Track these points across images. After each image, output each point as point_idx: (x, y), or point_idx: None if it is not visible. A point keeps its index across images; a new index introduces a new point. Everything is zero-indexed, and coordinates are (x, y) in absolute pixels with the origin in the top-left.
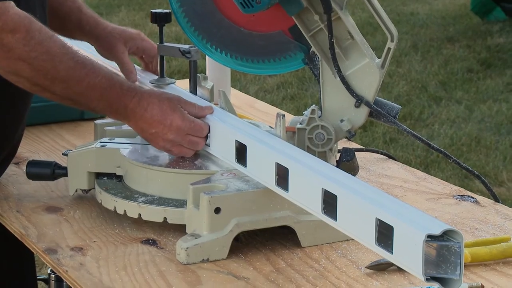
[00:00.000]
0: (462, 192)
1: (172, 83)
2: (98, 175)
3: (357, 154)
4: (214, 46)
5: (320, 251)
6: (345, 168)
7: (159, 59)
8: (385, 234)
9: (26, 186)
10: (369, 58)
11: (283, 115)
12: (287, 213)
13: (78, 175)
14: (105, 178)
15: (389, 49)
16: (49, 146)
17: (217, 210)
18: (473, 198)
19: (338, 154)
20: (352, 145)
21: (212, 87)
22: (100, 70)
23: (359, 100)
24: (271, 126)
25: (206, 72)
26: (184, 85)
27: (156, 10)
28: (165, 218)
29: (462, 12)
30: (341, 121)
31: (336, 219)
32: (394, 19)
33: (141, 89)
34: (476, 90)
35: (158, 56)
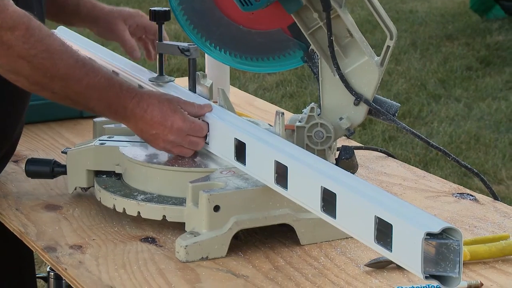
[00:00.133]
0: (461, 190)
1: (171, 81)
2: (97, 173)
3: (356, 152)
4: (213, 44)
5: (319, 249)
6: (344, 166)
7: (158, 57)
8: (384, 232)
9: (25, 184)
10: (368, 56)
11: (282, 113)
12: (286, 211)
13: (77, 173)
14: (104, 176)
15: (388, 47)
16: (48, 144)
17: (216, 208)
18: (472, 196)
19: (337, 152)
20: (351, 143)
21: (211, 85)
22: (100, 70)
23: (358, 98)
24: (270, 124)
25: (205, 70)
26: (183, 83)
27: (155, 8)
28: (164, 216)
29: (461, 10)
30: (340, 119)
31: (335, 217)
32: (393, 17)
33: (141, 90)
34: (475, 88)
35: (157, 54)
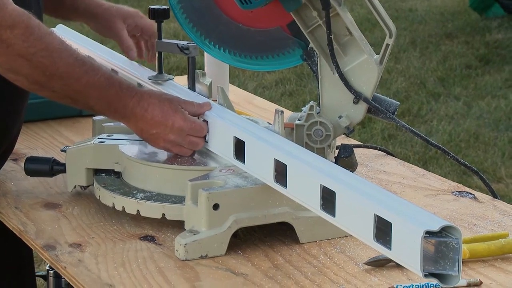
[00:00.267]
0: (461, 188)
1: (171, 79)
2: (97, 172)
3: (356, 151)
4: (213, 42)
5: (319, 247)
6: (344, 165)
7: (158, 56)
8: (384, 230)
9: (25, 183)
10: (368, 54)
11: (282, 111)
12: (286, 209)
13: (77, 172)
14: (104, 175)
15: (388, 45)
16: (48, 143)
17: (216, 207)
18: (472, 194)
19: (337, 151)
20: (351, 142)
21: (211, 84)
22: (100, 69)
23: (358, 96)
24: (270, 123)
25: (205, 69)
26: (183, 82)
27: (155, 6)
28: (164, 215)
29: (461, 8)
30: (340, 117)
31: (335, 215)
32: (393, 15)
33: (140, 89)
34: (475, 86)
35: (157, 53)
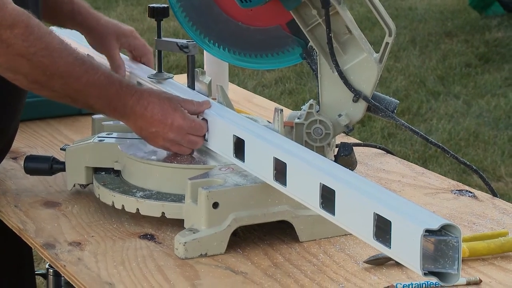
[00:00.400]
0: (460, 187)
1: (170, 78)
2: (96, 170)
3: (355, 149)
4: (212, 41)
5: (318, 246)
6: (343, 163)
7: (157, 54)
8: (383, 229)
9: (24, 181)
10: (367, 53)
11: (281, 110)
12: (285, 208)
13: (76, 170)
14: (103, 173)
15: (387, 44)
16: (47, 141)
17: (215, 205)
18: (471, 193)
19: (336, 149)
20: (350, 140)
21: (210, 82)
22: (99, 67)
23: (357, 95)
24: (269, 121)
25: (204, 67)
26: (182, 80)
27: (154, 5)
28: (163, 213)
29: (460, 7)
30: (339, 116)
31: (334, 214)
32: (392, 14)
33: (140, 88)
34: (474, 85)
35: (156, 51)
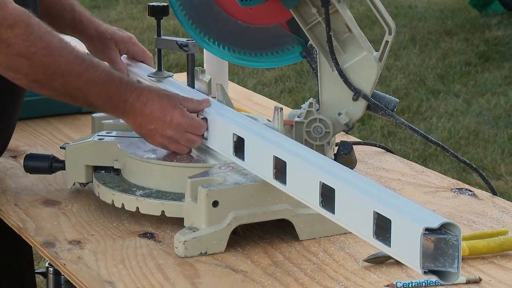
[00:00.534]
0: (460, 186)
1: (170, 77)
2: (96, 169)
3: (355, 148)
4: (212, 40)
5: (318, 245)
6: (343, 162)
7: (157, 53)
8: (383, 227)
9: (24, 180)
10: (367, 51)
11: (281, 109)
12: (285, 207)
13: (76, 169)
14: (103, 172)
15: (387, 42)
16: (47, 140)
17: (215, 204)
18: (471, 192)
19: (336, 148)
20: (350, 139)
21: (210, 81)
22: (99, 65)
23: (357, 93)
24: (269, 120)
25: (204, 66)
26: (182, 79)
27: (154, 3)
28: (163, 212)
29: (460, 5)
30: (339, 114)
31: (334, 213)
32: (392, 12)
33: (140, 85)
34: (474, 84)
35: (156, 49)
